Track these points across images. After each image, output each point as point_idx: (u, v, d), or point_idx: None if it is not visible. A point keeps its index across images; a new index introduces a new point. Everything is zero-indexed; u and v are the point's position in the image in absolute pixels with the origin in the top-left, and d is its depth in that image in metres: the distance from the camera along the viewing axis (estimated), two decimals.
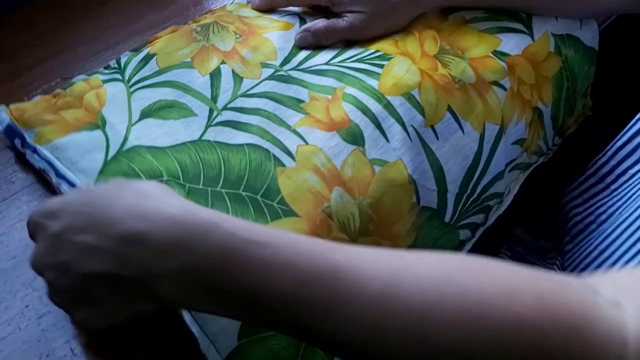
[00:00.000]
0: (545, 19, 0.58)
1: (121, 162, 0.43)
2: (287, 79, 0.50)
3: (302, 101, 0.49)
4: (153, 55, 0.51)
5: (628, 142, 0.56)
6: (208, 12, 0.58)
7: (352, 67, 0.51)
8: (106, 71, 0.51)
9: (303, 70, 0.51)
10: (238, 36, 0.53)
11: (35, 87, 0.52)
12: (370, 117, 0.47)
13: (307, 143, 0.46)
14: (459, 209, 0.50)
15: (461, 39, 0.55)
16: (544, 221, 0.67)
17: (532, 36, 0.57)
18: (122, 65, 0.51)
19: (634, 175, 0.55)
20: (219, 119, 0.47)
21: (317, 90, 0.49)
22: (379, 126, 0.47)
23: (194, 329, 0.37)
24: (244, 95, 0.49)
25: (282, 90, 0.49)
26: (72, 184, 0.43)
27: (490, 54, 0.54)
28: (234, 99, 0.49)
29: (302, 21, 0.56)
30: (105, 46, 0.57)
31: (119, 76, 0.50)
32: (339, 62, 0.52)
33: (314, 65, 0.52)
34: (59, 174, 0.43)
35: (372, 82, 0.49)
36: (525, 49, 0.56)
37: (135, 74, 0.50)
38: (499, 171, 0.53)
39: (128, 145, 0.44)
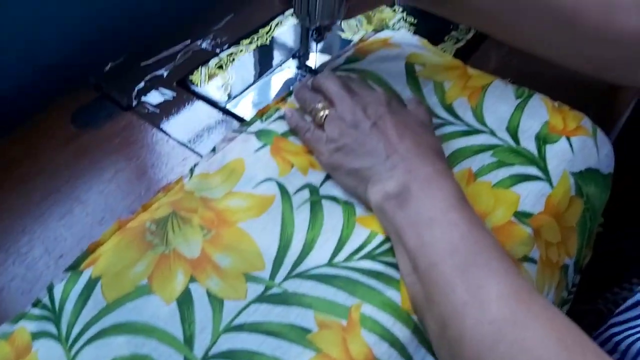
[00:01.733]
0: (560, 155, 0.50)
1: None
2: (283, 299, 0.39)
3: (308, 331, 0.37)
4: (97, 280, 0.39)
5: None
6: (160, 190, 0.45)
7: (362, 268, 0.40)
8: (35, 312, 0.38)
9: (301, 276, 0.40)
10: (206, 232, 0.42)
11: None
12: (399, 349, 0.37)
13: None
14: None
15: (475, 203, 0.45)
16: None
17: (549, 181, 0.48)
18: (57, 304, 0.38)
19: None
20: None
21: (325, 311, 0.38)
22: (409, 359, 0.37)
23: None
24: (229, 329, 0.37)
25: (280, 316, 0.38)
26: None
27: (513, 219, 0.45)
28: (217, 339, 0.36)
29: (284, 192, 0.45)
30: (17, 254, 0.43)
31: (53, 329, 0.37)
32: (344, 260, 0.41)
33: (314, 268, 0.41)
34: None
35: (392, 293, 0.39)
36: (547, 202, 0.47)
37: (76, 321, 0.37)
38: None
39: None
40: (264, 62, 0.60)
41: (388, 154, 0.42)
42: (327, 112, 0.47)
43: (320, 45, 0.61)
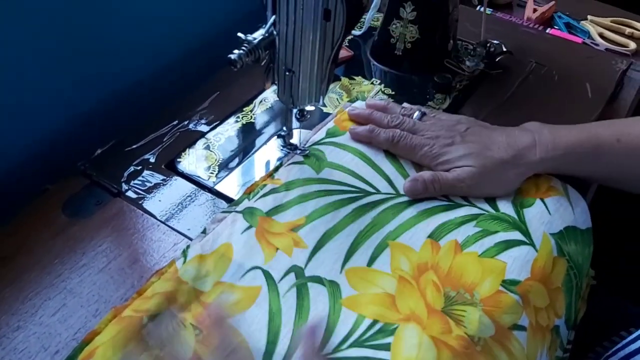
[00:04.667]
0: (538, 217, 0.52)
1: None
2: None
3: None
4: None
5: None
6: (153, 274, 0.46)
7: (351, 357, 0.41)
8: None
9: None
10: (197, 332, 0.42)
11: None
12: None
13: None
14: None
15: (464, 275, 0.47)
16: None
17: (533, 244, 0.50)
18: None
19: None
20: None
21: None
22: None
23: None
24: None
25: None
26: None
27: (501, 288, 0.46)
28: None
29: (270, 280, 0.46)
30: (14, 352, 0.43)
31: None
32: (333, 352, 0.41)
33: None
34: None
35: None
36: (532, 268, 0.48)
37: None
38: None
39: None
40: (249, 141, 0.62)
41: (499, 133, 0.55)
42: (417, 114, 0.57)
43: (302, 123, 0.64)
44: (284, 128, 0.58)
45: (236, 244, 0.48)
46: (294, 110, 0.56)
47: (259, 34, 0.49)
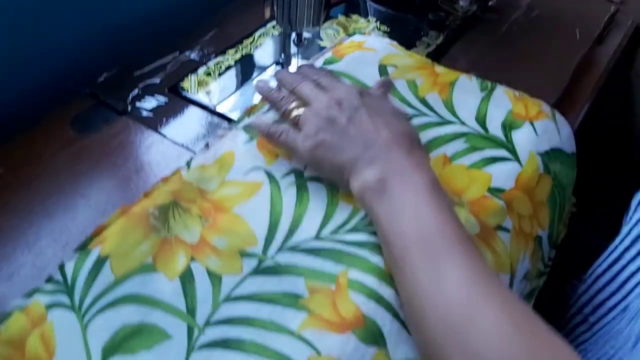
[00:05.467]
0: (525, 138, 0.55)
1: None
2: (275, 270, 0.42)
3: (300, 296, 0.40)
4: (105, 258, 0.42)
5: (608, 269, 0.53)
6: (161, 180, 0.49)
7: (347, 240, 0.44)
8: (48, 287, 0.41)
9: (292, 250, 0.43)
10: (204, 221, 0.45)
11: None
12: (385, 306, 0.40)
13: (319, 353, 0.37)
14: None
15: (452, 181, 0.49)
16: None
17: (519, 161, 0.53)
18: (70, 279, 0.41)
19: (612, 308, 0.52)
20: (203, 339, 0.38)
21: (315, 278, 0.41)
22: (397, 316, 0.40)
23: None
24: (228, 299, 0.40)
25: (273, 286, 0.41)
26: None
27: (487, 194, 0.49)
28: (217, 308, 0.40)
29: (271, 178, 0.49)
30: (37, 236, 0.46)
31: (66, 299, 0.39)
32: (331, 233, 0.45)
33: (303, 242, 0.44)
34: None
35: (377, 259, 0.42)
36: (517, 179, 0.51)
37: (87, 293, 0.40)
38: None
39: None
40: (248, 69, 0.64)
41: (367, 146, 0.44)
42: (301, 110, 0.48)
43: (300, 54, 0.66)
44: (282, 55, 0.61)
45: (238, 151, 0.51)
46: (292, 36, 0.58)
47: None
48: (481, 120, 0.56)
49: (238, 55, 0.66)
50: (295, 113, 0.48)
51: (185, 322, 0.39)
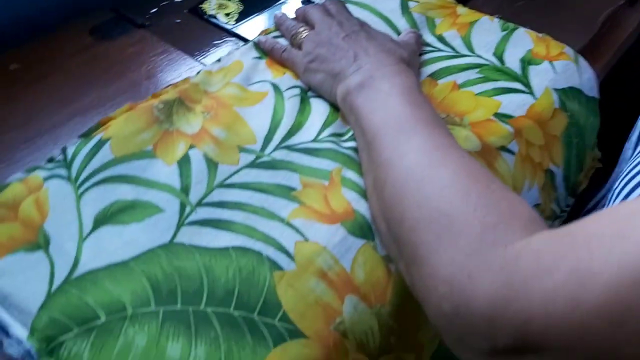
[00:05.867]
0: (543, 74, 0.53)
1: (70, 294, 0.33)
2: (272, 165, 0.42)
3: (293, 189, 0.40)
4: (107, 140, 0.42)
5: None
6: (169, 86, 0.49)
7: (346, 146, 0.44)
8: (49, 165, 0.41)
9: (289, 148, 0.44)
10: (206, 114, 0.45)
11: None
12: None
13: (306, 239, 0.37)
14: None
15: (456, 104, 0.49)
16: None
17: (533, 94, 0.51)
18: (69, 157, 0.41)
19: None
20: (194, 216, 0.38)
21: (309, 174, 0.41)
22: None
23: None
24: (222, 185, 0.40)
25: (268, 178, 0.41)
26: (2, 328, 0.32)
27: (493, 117, 0.48)
28: (210, 192, 0.40)
29: (276, 88, 0.49)
30: (39, 131, 0.47)
31: (64, 172, 0.40)
32: (329, 136, 0.44)
33: (301, 143, 0.44)
34: None
35: None
36: (529, 109, 0.50)
37: (85, 167, 0.40)
38: None
39: (79, 270, 0.34)
40: None
41: (356, 56, 0.45)
42: (306, 33, 0.51)
43: None
44: None
45: (247, 63, 0.51)
46: None
47: None
48: (499, 54, 0.55)
49: None
50: (300, 36, 0.51)
51: (178, 199, 0.39)
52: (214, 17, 0.61)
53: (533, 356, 0.27)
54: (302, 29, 0.52)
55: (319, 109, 0.47)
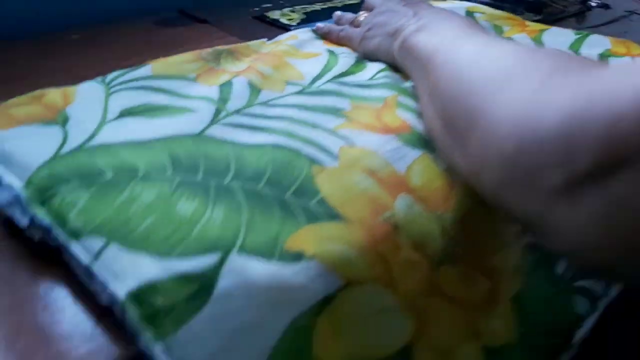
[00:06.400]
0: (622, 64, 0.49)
1: (77, 156, 0.29)
2: (321, 92, 0.38)
3: (342, 109, 0.36)
4: (148, 64, 0.40)
5: None
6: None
7: (404, 85, 0.40)
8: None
9: (340, 83, 0.40)
10: (253, 60, 0.43)
11: None
12: None
13: (353, 144, 0.32)
14: None
15: None
16: None
17: None
18: (107, 76, 0.39)
19: None
20: (229, 120, 0.34)
21: (361, 100, 0.37)
22: None
23: None
24: (264, 104, 0.36)
25: (317, 102, 0.37)
26: None
27: None
28: (250, 106, 0.36)
29: (330, 52, 0.46)
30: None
31: (98, 80, 0.38)
32: (386, 75, 0.41)
33: (355, 81, 0.40)
34: None
35: None
36: None
37: (120, 76, 0.38)
38: None
39: (94, 142, 0.30)
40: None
41: (416, 13, 0.42)
42: (365, 15, 0.50)
43: None
44: None
45: (302, 36, 0.50)
46: None
47: None
48: (574, 51, 0.52)
49: (325, 6, 0.67)
50: (359, 18, 0.50)
51: (214, 106, 0.35)
52: (277, 20, 0.61)
53: (620, 176, 0.20)
54: (362, 13, 0.51)
55: (374, 65, 0.44)
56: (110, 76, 0.38)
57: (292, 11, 0.64)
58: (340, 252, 0.25)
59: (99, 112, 0.33)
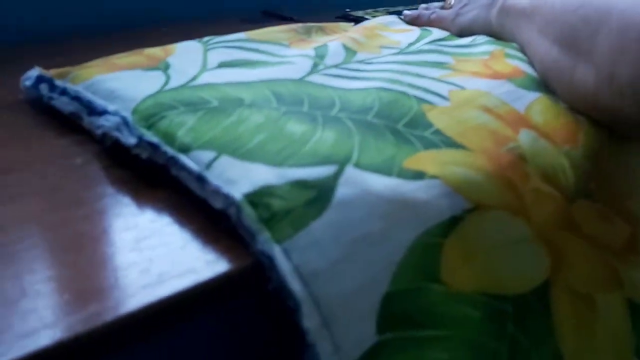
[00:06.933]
0: None
1: (181, 92, 0.28)
2: (421, 51, 0.37)
3: (446, 63, 0.34)
4: (241, 33, 0.40)
5: None
6: None
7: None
8: None
9: (440, 44, 0.38)
10: (344, 34, 0.42)
11: None
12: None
13: (463, 88, 0.30)
14: None
15: None
16: None
17: None
18: (203, 38, 0.39)
19: None
20: (327, 71, 0.33)
21: (465, 56, 0.35)
22: None
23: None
24: (361, 62, 0.35)
25: (418, 58, 0.35)
26: (105, 115, 0.27)
27: None
28: (348, 63, 0.35)
29: (423, 29, 0.45)
30: None
31: (195, 40, 0.38)
32: (487, 39, 0.39)
33: (455, 43, 0.39)
34: (92, 112, 0.28)
35: None
36: None
37: (215, 38, 0.38)
38: None
39: (197, 82, 0.29)
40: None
41: None
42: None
43: None
44: None
45: (389, 19, 0.49)
46: None
47: None
48: None
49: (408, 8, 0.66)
50: (450, 2, 0.50)
51: (312, 61, 0.34)
52: (362, 17, 0.60)
53: None
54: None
55: (470, 37, 0.42)
56: (206, 38, 0.38)
57: (376, 11, 0.64)
58: (464, 175, 0.23)
59: (198, 62, 0.33)
